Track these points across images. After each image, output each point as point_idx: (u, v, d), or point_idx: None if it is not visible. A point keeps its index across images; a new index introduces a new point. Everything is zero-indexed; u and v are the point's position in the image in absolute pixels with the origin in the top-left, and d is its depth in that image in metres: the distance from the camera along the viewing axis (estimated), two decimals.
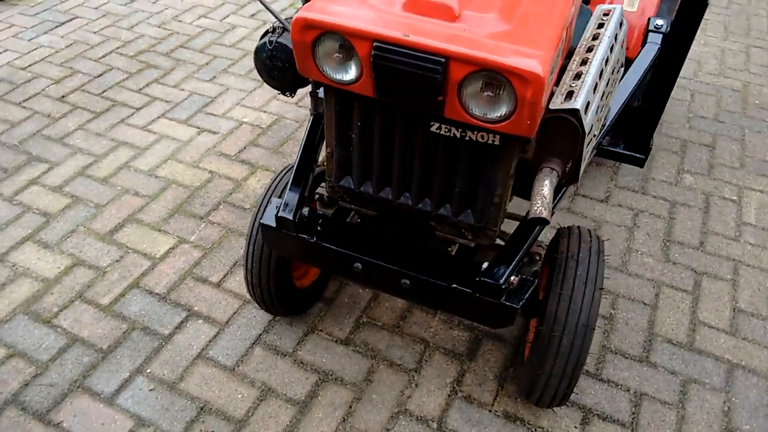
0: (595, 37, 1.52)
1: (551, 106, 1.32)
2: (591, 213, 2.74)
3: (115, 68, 3.57)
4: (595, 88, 1.40)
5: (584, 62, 1.43)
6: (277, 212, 1.64)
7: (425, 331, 2.22)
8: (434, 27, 1.28)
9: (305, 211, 1.66)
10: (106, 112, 3.22)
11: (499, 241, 1.68)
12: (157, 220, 2.62)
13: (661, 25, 2.03)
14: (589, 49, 1.48)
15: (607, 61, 1.49)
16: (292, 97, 1.64)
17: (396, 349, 2.16)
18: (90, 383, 2.02)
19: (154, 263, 2.43)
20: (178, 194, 2.75)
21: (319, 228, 1.67)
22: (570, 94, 1.33)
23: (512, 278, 1.49)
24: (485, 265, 1.53)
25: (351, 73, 1.35)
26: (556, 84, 1.46)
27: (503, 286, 1.47)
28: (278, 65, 1.76)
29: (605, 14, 1.61)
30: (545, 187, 1.31)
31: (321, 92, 1.61)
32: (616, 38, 1.57)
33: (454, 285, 1.52)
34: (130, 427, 1.91)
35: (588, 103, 1.35)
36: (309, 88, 1.76)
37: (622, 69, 1.74)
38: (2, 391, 1.99)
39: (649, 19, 2.06)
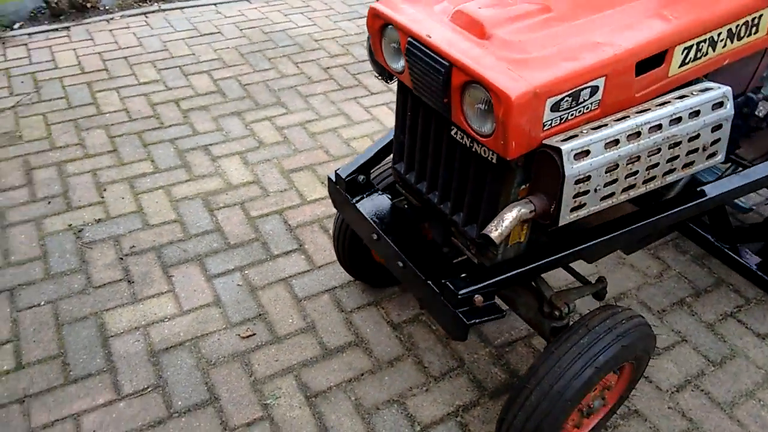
0: (664, 104, 1.41)
1: (545, 141, 1.32)
2: (735, 340, 2.34)
3: None
4: (614, 145, 1.32)
5: (623, 119, 1.36)
6: (338, 170, 1.91)
7: (468, 354, 2.23)
8: (458, 37, 1.38)
9: (361, 178, 1.89)
10: (348, 89, 3.85)
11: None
12: (326, 175, 3.09)
13: None
14: (642, 111, 1.39)
15: (659, 128, 1.37)
16: (390, 82, 1.88)
17: (431, 354, 2.23)
18: (206, 261, 2.57)
19: (302, 203, 2.90)
20: None
21: (363, 195, 1.88)
22: (572, 138, 1.31)
23: (477, 297, 1.50)
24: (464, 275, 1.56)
25: (400, 64, 1.54)
26: None
27: (460, 296, 1.49)
28: None
29: (702, 90, 1.46)
30: (510, 212, 1.33)
31: None
32: (696, 115, 1.42)
33: (429, 282, 1.59)
34: (209, 302, 2.39)
35: (588, 151, 1.29)
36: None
37: (704, 151, 1.52)
38: (156, 240, 2.66)
39: None
